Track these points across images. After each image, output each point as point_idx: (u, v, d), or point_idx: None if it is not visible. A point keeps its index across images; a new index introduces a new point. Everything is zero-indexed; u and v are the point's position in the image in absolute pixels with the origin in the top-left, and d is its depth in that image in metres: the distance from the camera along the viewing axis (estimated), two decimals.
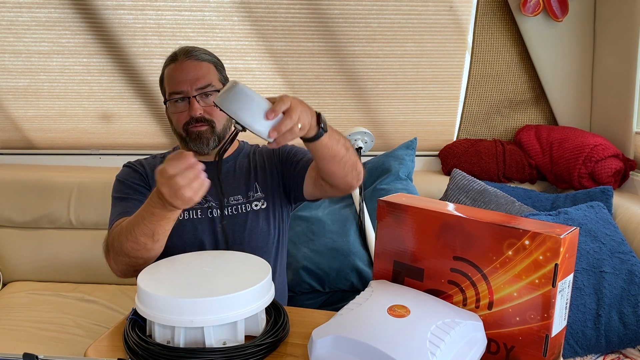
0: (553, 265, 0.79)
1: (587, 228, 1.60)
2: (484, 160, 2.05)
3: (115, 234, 1.10)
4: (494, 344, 0.87)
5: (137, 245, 1.04)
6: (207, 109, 1.27)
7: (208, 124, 1.27)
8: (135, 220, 1.04)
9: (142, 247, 1.04)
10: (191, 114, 1.25)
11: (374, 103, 2.17)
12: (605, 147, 1.90)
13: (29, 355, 0.69)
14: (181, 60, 1.28)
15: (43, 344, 1.56)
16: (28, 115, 2.12)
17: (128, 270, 1.12)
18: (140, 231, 1.02)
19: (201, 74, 1.27)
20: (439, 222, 0.91)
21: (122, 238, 1.07)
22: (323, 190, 1.25)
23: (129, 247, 1.05)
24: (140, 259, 1.07)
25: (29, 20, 1.95)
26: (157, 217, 1.00)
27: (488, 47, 2.08)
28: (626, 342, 1.46)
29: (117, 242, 1.08)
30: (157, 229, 1.02)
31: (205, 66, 1.29)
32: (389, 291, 0.92)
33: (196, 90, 1.26)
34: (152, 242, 1.04)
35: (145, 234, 1.02)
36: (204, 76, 1.27)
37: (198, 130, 1.26)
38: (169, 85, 1.29)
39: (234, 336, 0.88)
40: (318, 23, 2.01)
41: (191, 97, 1.25)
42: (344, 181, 1.18)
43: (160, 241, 1.05)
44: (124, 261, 1.09)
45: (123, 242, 1.06)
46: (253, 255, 1.04)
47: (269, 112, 0.91)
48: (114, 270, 1.15)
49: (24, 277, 1.96)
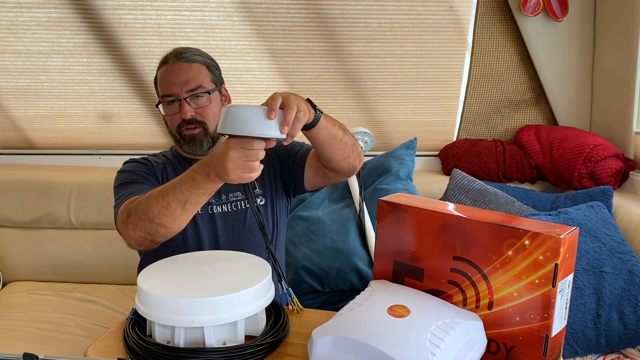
0: (553, 265, 0.79)
1: (587, 228, 1.60)
2: (484, 160, 2.05)
3: (143, 199, 1.08)
4: (494, 344, 0.87)
5: (166, 210, 1.03)
6: (198, 110, 1.28)
7: (200, 125, 1.28)
8: (170, 185, 1.04)
9: (171, 213, 1.03)
10: (182, 116, 1.27)
11: (374, 103, 2.17)
12: (605, 147, 1.90)
13: (29, 355, 0.69)
14: (172, 63, 1.29)
15: (43, 344, 1.56)
16: (28, 115, 2.12)
17: (144, 239, 1.09)
18: (174, 196, 1.02)
19: (191, 76, 1.28)
20: (439, 222, 0.91)
21: (150, 202, 1.05)
22: (326, 177, 1.26)
23: (157, 210, 1.04)
24: (162, 227, 1.06)
25: (29, 20, 1.95)
26: (197, 185, 1.00)
27: (488, 47, 2.08)
28: (626, 342, 1.46)
29: (144, 205, 1.06)
30: (191, 198, 1.02)
31: (196, 68, 1.30)
32: (389, 291, 0.92)
33: (186, 92, 1.27)
34: (181, 210, 1.03)
35: (178, 200, 1.02)
36: (194, 78, 1.28)
37: (191, 133, 1.28)
38: (161, 88, 1.30)
39: (234, 336, 0.88)
40: (318, 23, 2.01)
41: (182, 99, 1.26)
42: (347, 163, 1.19)
43: (189, 212, 1.04)
44: (145, 227, 1.07)
45: (151, 205, 1.05)
46: (253, 255, 1.04)
47: (269, 112, 0.92)
48: (130, 237, 1.11)
49: (24, 277, 1.95)
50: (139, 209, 1.07)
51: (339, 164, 1.18)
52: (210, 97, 1.30)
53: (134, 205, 1.09)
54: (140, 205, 1.07)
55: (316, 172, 1.28)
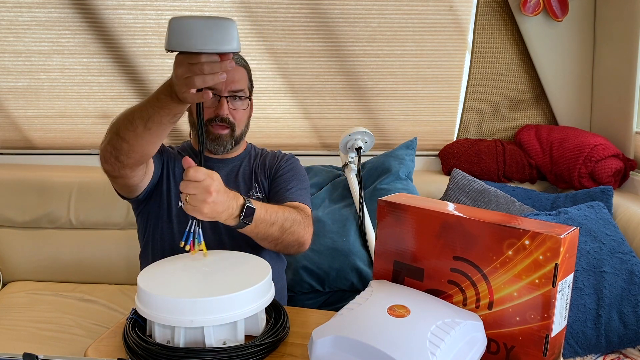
0: (553, 265, 0.79)
1: (587, 228, 1.60)
2: (484, 160, 2.05)
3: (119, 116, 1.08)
4: (494, 344, 0.87)
5: (131, 125, 1.02)
6: (232, 111, 1.29)
7: (230, 127, 1.29)
8: (139, 104, 1.03)
9: (134, 128, 1.02)
10: (219, 112, 1.27)
11: (374, 103, 2.17)
12: (605, 147, 1.90)
13: (29, 355, 0.69)
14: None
15: (43, 344, 1.56)
16: (28, 115, 2.12)
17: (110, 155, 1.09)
18: (139, 113, 1.01)
19: (237, 78, 1.29)
20: (439, 222, 0.91)
21: (120, 117, 1.06)
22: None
23: (123, 125, 1.04)
24: (125, 142, 1.05)
25: (29, 20, 1.95)
26: (161, 104, 0.98)
27: (488, 47, 2.08)
28: (626, 342, 1.46)
29: (115, 121, 1.07)
30: (154, 116, 1.00)
31: (242, 71, 1.32)
32: (389, 291, 0.92)
33: (229, 92, 1.28)
34: (143, 127, 1.01)
35: (142, 117, 1.01)
36: (239, 81, 1.30)
37: (219, 133, 1.29)
38: None
39: (234, 336, 0.88)
40: (318, 23, 2.01)
41: (222, 96, 1.27)
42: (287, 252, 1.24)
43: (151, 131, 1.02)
44: (112, 140, 1.07)
45: (120, 119, 1.05)
46: (253, 255, 1.04)
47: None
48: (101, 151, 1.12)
49: (24, 277, 1.95)
50: (113, 123, 1.08)
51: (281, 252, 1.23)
52: (247, 102, 1.33)
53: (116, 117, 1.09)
54: (116, 121, 1.08)
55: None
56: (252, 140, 1.47)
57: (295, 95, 2.13)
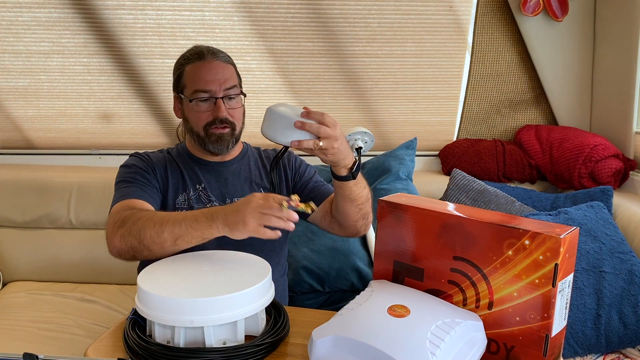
0: (553, 265, 0.79)
1: (587, 228, 1.60)
2: (484, 160, 2.05)
3: (142, 217, 1.07)
4: (494, 344, 0.87)
5: (158, 238, 1.03)
6: (229, 111, 1.29)
7: (230, 126, 1.29)
8: (172, 216, 1.04)
9: (160, 243, 1.03)
10: (218, 114, 1.27)
11: (374, 103, 2.17)
12: (605, 147, 1.90)
13: (29, 355, 0.69)
14: (209, 60, 1.28)
15: (43, 344, 1.56)
16: (28, 115, 2.12)
17: (127, 253, 1.09)
18: (171, 228, 1.02)
19: (228, 76, 1.29)
20: (439, 222, 0.91)
21: (147, 224, 1.05)
22: (330, 225, 1.32)
23: (149, 234, 1.04)
24: (148, 251, 1.05)
25: (29, 20, 1.95)
26: (197, 227, 1.01)
27: (488, 47, 2.08)
28: (626, 342, 1.46)
29: (139, 224, 1.06)
30: (185, 236, 1.02)
31: (230, 69, 1.31)
32: (389, 291, 0.92)
33: (223, 91, 1.27)
34: (171, 243, 1.03)
35: (172, 233, 1.02)
36: (230, 78, 1.29)
37: (220, 132, 1.28)
38: (194, 83, 1.28)
39: (234, 336, 0.88)
40: (318, 23, 2.01)
41: (218, 97, 1.27)
42: (354, 225, 1.25)
43: (178, 247, 1.04)
44: (132, 244, 1.06)
45: (146, 226, 1.04)
46: (253, 255, 1.04)
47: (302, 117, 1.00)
48: (114, 246, 1.10)
49: (24, 277, 1.95)
50: (133, 225, 1.06)
51: (347, 221, 1.24)
52: (241, 99, 1.33)
53: (131, 220, 1.08)
54: (136, 222, 1.06)
55: (324, 215, 1.32)
56: (252, 140, 1.47)
57: (295, 95, 2.13)
